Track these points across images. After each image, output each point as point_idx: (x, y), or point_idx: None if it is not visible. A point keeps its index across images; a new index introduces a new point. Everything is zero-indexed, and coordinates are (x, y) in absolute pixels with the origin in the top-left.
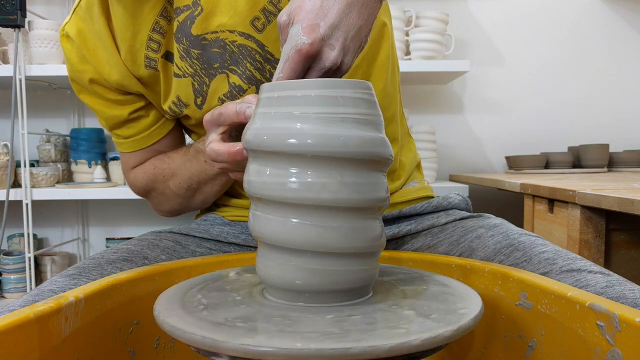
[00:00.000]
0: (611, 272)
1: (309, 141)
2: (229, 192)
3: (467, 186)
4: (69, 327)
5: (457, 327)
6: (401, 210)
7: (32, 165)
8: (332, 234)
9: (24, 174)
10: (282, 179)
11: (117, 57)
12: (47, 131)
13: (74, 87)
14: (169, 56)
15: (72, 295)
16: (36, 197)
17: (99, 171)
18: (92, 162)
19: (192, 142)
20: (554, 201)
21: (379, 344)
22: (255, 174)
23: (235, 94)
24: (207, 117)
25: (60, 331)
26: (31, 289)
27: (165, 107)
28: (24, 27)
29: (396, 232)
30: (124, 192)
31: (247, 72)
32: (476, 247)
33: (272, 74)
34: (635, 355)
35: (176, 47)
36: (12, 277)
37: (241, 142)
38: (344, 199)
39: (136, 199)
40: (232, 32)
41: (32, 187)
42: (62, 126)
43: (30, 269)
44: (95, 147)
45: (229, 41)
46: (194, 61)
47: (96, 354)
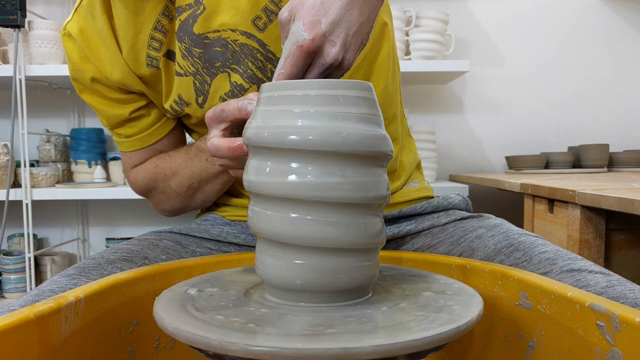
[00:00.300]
0: (611, 272)
1: (310, 137)
2: (230, 191)
3: (467, 186)
4: (69, 327)
5: (457, 327)
6: (401, 210)
7: (32, 165)
8: (331, 229)
9: (24, 174)
10: (282, 175)
11: (118, 56)
12: (47, 131)
13: (75, 86)
14: (170, 55)
15: (72, 295)
16: (36, 197)
17: (99, 171)
18: (92, 162)
19: (193, 141)
20: (554, 201)
21: (379, 343)
22: (255, 170)
23: (236, 93)
24: (209, 113)
25: (60, 331)
26: (31, 289)
27: (166, 106)
28: (24, 27)
29: (396, 232)
30: (124, 192)
31: (249, 71)
32: (476, 247)
33: (273, 73)
34: (635, 355)
35: (178, 46)
36: (12, 277)
37: (242, 138)
38: (345, 195)
39: (136, 199)
40: (234, 31)
41: (32, 187)
42: (62, 126)
43: (30, 269)
44: (95, 147)
45: (231, 40)
46: (195, 60)
47: (96, 354)
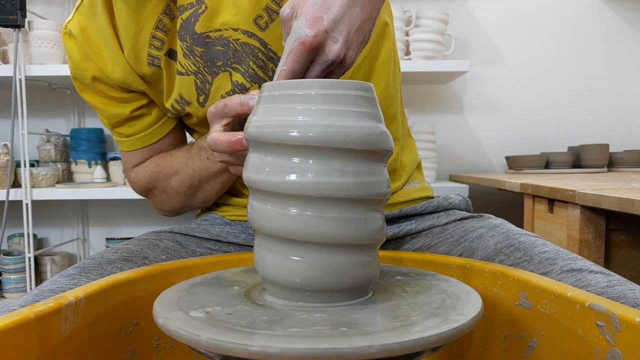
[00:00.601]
0: (612, 272)
1: (310, 134)
2: (230, 190)
3: (467, 186)
4: (69, 327)
5: (457, 326)
6: (401, 210)
7: (32, 165)
8: (332, 224)
9: (24, 174)
10: (282, 170)
11: (120, 55)
12: (47, 131)
13: (76, 85)
14: (172, 54)
15: (72, 295)
16: (36, 197)
17: (99, 171)
18: (92, 162)
19: (194, 141)
20: (554, 201)
21: (379, 343)
22: (255, 165)
23: (237, 92)
24: (212, 109)
25: (60, 331)
26: (31, 289)
27: (167, 105)
28: (24, 27)
29: (396, 232)
30: (124, 192)
31: (250, 70)
32: (477, 247)
33: (274, 72)
34: (635, 355)
35: (180, 45)
36: (12, 277)
37: (241, 132)
38: (345, 191)
39: (136, 199)
40: (235, 30)
41: (32, 187)
42: (62, 126)
43: (30, 269)
44: (95, 147)
45: (233, 39)
46: (197, 59)
47: (96, 354)
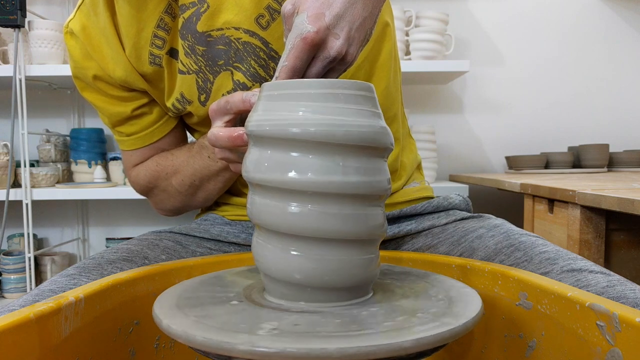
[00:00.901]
0: (612, 272)
1: (311, 129)
2: (231, 190)
3: (467, 186)
4: (69, 327)
5: (457, 327)
6: (402, 210)
7: (32, 165)
8: (332, 219)
9: (24, 174)
10: (282, 165)
11: (121, 54)
12: (47, 131)
13: (77, 84)
14: (173, 53)
15: (72, 295)
16: (36, 197)
17: (99, 171)
18: (92, 162)
19: (196, 140)
20: (554, 201)
21: (379, 344)
22: (255, 159)
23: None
24: (214, 106)
25: (60, 331)
26: (31, 289)
27: (168, 104)
28: (24, 27)
29: (396, 232)
30: (124, 192)
31: (252, 69)
32: (477, 247)
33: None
34: (635, 355)
35: (181, 44)
36: (12, 277)
37: (242, 128)
38: (345, 185)
39: (136, 199)
40: (237, 29)
41: (32, 187)
42: (62, 126)
43: (30, 269)
44: (95, 147)
45: (234, 38)
46: (198, 58)
47: (96, 354)
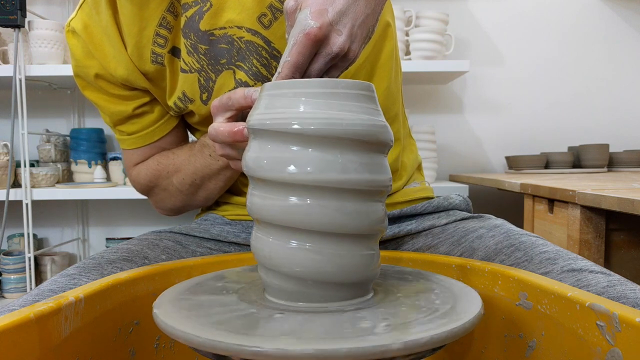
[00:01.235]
0: (612, 272)
1: (311, 126)
2: (231, 189)
3: (467, 186)
4: (69, 327)
5: (456, 327)
6: (402, 210)
7: (32, 165)
8: (332, 213)
9: (24, 174)
10: (282, 159)
11: (123, 53)
12: (47, 131)
13: (78, 82)
14: (175, 52)
15: (72, 295)
16: (36, 197)
17: (99, 171)
18: (92, 162)
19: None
20: (554, 201)
21: (379, 344)
22: (255, 153)
23: None
24: (216, 102)
25: (60, 331)
26: (31, 289)
27: (170, 103)
28: (24, 27)
29: (397, 232)
30: (124, 192)
31: (254, 68)
32: (477, 247)
33: None
34: (635, 355)
35: (183, 43)
36: (12, 277)
37: (242, 123)
38: (345, 180)
39: (136, 199)
40: (240, 28)
41: (32, 187)
42: (62, 126)
43: (30, 269)
44: (95, 147)
45: (237, 37)
46: (201, 57)
47: (96, 354)
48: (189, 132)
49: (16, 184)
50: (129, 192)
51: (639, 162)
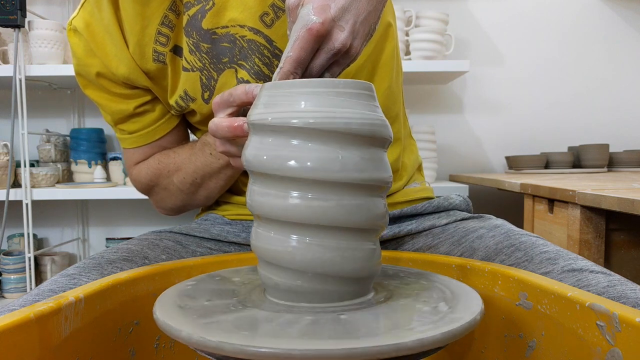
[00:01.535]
0: (612, 272)
1: (310, 120)
2: (232, 189)
3: (467, 186)
4: (69, 327)
5: (457, 327)
6: (402, 210)
7: (32, 165)
8: (333, 208)
9: (24, 174)
10: (282, 152)
11: (125, 51)
12: (47, 131)
13: (79, 81)
14: (177, 50)
15: (72, 295)
16: (36, 197)
17: (99, 171)
18: (92, 162)
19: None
20: (554, 201)
21: (379, 344)
22: (255, 146)
23: None
24: (217, 99)
25: (60, 331)
26: (31, 289)
27: (171, 101)
28: (24, 27)
29: (397, 232)
30: (124, 192)
31: (256, 67)
32: (477, 247)
33: None
34: (635, 355)
35: (186, 41)
36: (12, 277)
37: (243, 118)
38: (345, 173)
39: (136, 199)
40: (242, 27)
41: (32, 187)
42: (62, 126)
43: (30, 269)
44: (95, 147)
45: (239, 36)
46: (203, 55)
47: (96, 354)
48: (190, 132)
49: (16, 184)
50: (129, 192)
51: (639, 162)
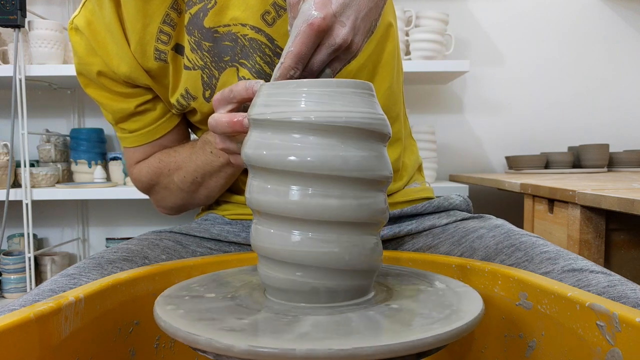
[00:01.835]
0: (612, 272)
1: (312, 116)
2: (232, 188)
3: (467, 186)
4: (69, 327)
5: (457, 327)
6: (402, 209)
7: (32, 165)
8: (333, 202)
9: (24, 174)
10: (283, 147)
11: (126, 50)
12: (47, 131)
13: (80, 80)
14: (178, 48)
15: (72, 295)
16: (36, 197)
17: (99, 171)
18: (92, 162)
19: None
20: (554, 201)
21: (379, 344)
22: (255, 141)
23: None
24: (218, 96)
25: (60, 331)
26: (31, 289)
27: (172, 100)
28: (24, 27)
29: (397, 232)
30: (124, 192)
31: (257, 66)
32: (477, 247)
33: None
34: (635, 355)
35: (187, 39)
36: (12, 277)
37: (244, 114)
38: (346, 167)
39: (136, 199)
40: (244, 25)
41: (32, 187)
42: (62, 126)
43: (30, 269)
44: (95, 147)
45: (241, 35)
46: (204, 54)
47: (96, 354)
48: (191, 131)
49: (16, 184)
50: (129, 192)
51: (639, 162)
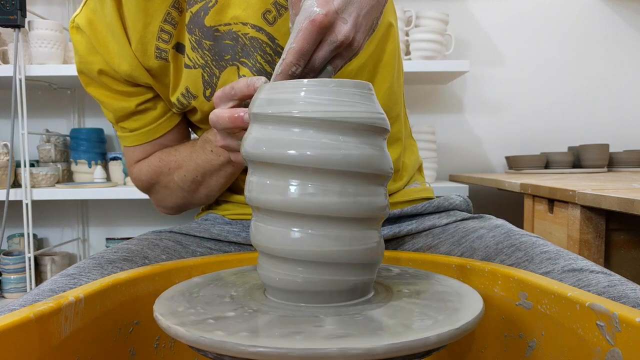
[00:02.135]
0: (612, 272)
1: (311, 114)
2: (232, 188)
3: (467, 186)
4: (69, 327)
5: (457, 327)
6: (402, 209)
7: (32, 165)
8: (333, 197)
9: (24, 174)
10: (282, 141)
11: (127, 48)
12: (47, 131)
13: (81, 79)
14: (179, 47)
15: (72, 295)
16: (36, 197)
17: (99, 171)
18: (92, 162)
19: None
20: (554, 201)
21: (379, 344)
22: (255, 136)
23: None
24: (219, 92)
25: (60, 331)
26: (31, 289)
27: (173, 99)
28: (24, 27)
29: (397, 232)
30: (124, 192)
31: (258, 64)
32: (477, 247)
33: None
34: (635, 355)
35: (188, 38)
36: (12, 277)
37: (244, 109)
38: (346, 162)
39: (136, 199)
40: (244, 24)
41: (32, 187)
42: (62, 126)
43: (30, 269)
44: (95, 147)
45: (242, 33)
46: (205, 52)
47: (96, 354)
48: (191, 131)
49: (16, 184)
50: (129, 192)
51: (639, 162)
